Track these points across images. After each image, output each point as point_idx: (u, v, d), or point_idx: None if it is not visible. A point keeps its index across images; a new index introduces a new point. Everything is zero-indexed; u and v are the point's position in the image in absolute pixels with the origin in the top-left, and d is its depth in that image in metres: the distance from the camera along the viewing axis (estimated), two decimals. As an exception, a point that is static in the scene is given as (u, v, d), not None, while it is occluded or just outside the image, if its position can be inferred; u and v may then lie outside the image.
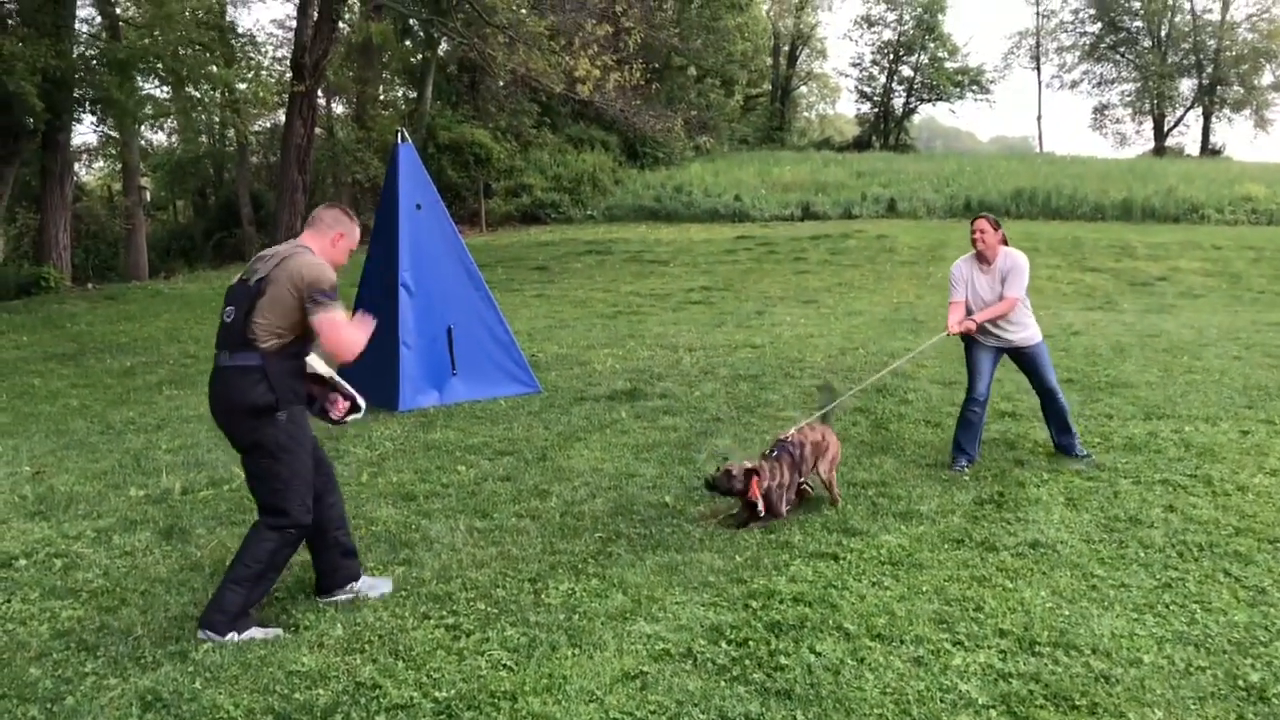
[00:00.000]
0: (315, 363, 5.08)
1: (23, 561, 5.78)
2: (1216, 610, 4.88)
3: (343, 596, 5.14)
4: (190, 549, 5.90)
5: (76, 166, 31.92)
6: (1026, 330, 7.44)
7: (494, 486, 7.09)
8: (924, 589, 5.16)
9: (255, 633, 4.74)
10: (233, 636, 4.68)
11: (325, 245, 4.99)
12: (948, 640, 4.57)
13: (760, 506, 6.15)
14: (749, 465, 6.18)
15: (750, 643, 4.55)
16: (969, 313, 7.36)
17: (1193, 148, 56.23)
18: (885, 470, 7.34)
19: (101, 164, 40.12)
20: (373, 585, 5.25)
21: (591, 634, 4.67)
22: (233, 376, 4.69)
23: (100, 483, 7.41)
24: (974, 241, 7.34)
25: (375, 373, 9.79)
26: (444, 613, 4.95)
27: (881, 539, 5.89)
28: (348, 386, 5.21)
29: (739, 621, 4.77)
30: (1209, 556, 5.58)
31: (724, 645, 4.54)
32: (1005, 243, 7.39)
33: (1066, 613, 4.86)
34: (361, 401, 5.29)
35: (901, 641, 4.57)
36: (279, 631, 4.79)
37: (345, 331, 4.73)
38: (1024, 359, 7.57)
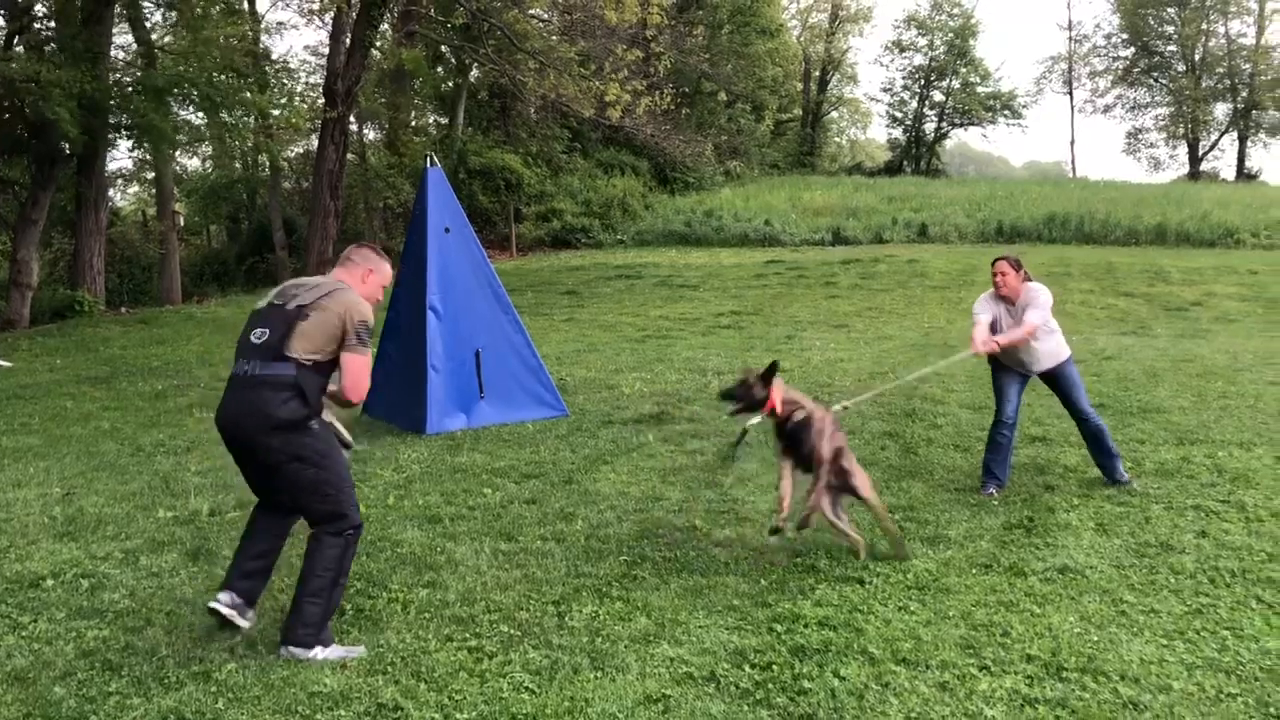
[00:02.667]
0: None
1: (50, 581, 5.82)
2: (1248, 637, 4.81)
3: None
4: (217, 570, 5.91)
5: (111, 192, 32.31)
6: (1044, 351, 7.33)
7: (520, 509, 7.09)
8: (950, 614, 5.11)
9: (337, 651, 4.74)
10: (318, 652, 4.68)
11: (356, 282, 5.07)
12: (974, 665, 4.53)
13: (779, 412, 5.88)
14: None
15: (774, 666, 4.52)
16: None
17: (1228, 172, 55.86)
18: (914, 495, 7.29)
19: (136, 189, 40.64)
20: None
21: (614, 657, 4.65)
22: (264, 389, 4.66)
23: (129, 504, 7.45)
24: (996, 284, 7.29)
25: (403, 395, 9.84)
26: (467, 635, 4.94)
27: (908, 563, 5.85)
28: (341, 429, 5.13)
29: (763, 645, 4.74)
30: (1241, 583, 5.51)
31: (747, 669, 4.51)
32: (1029, 279, 7.34)
33: (1095, 638, 4.80)
34: (350, 439, 5.24)
35: (927, 666, 4.52)
36: (362, 650, 4.80)
37: (366, 376, 4.88)
38: (1051, 380, 7.49)
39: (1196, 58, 56.11)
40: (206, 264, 35.27)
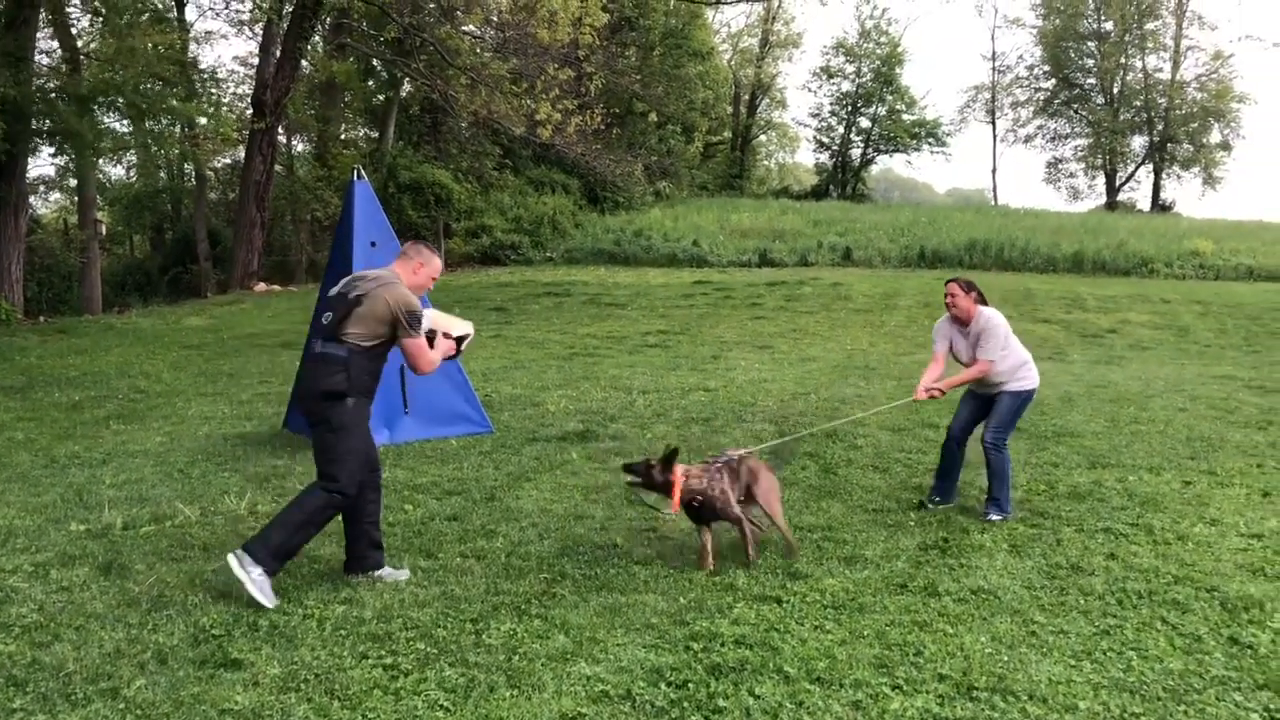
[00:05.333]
0: (438, 321, 6.27)
1: (-44, 595, 5.68)
2: (1153, 658, 4.92)
3: (362, 577, 5.89)
4: (129, 585, 5.82)
5: (32, 198, 31.64)
6: (1001, 371, 7.35)
7: (440, 526, 7.05)
8: (865, 633, 5.17)
9: (265, 587, 5.44)
10: (259, 573, 5.42)
11: (409, 273, 6.03)
12: (887, 684, 4.59)
13: (676, 501, 6.17)
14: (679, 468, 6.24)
15: (690, 685, 4.54)
16: (954, 366, 7.46)
17: (1144, 203, 57.40)
18: (832, 514, 7.36)
19: (58, 196, 39.82)
20: (391, 574, 5.97)
21: (531, 675, 4.64)
22: (321, 363, 5.69)
23: (40, 517, 7.30)
24: (947, 306, 7.39)
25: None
26: (383, 652, 4.90)
27: (825, 583, 5.91)
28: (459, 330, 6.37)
29: (680, 663, 4.76)
30: (1148, 604, 5.64)
31: (664, 687, 4.53)
32: (984, 303, 7.40)
33: (1005, 658, 4.89)
34: (468, 330, 6.46)
35: (841, 685, 4.57)
36: (279, 603, 5.45)
37: (426, 355, 5.91)
38: (990, 401, 7.53)
39: (1115, 91, 57.58)
40: (129, 274, 34.68)
